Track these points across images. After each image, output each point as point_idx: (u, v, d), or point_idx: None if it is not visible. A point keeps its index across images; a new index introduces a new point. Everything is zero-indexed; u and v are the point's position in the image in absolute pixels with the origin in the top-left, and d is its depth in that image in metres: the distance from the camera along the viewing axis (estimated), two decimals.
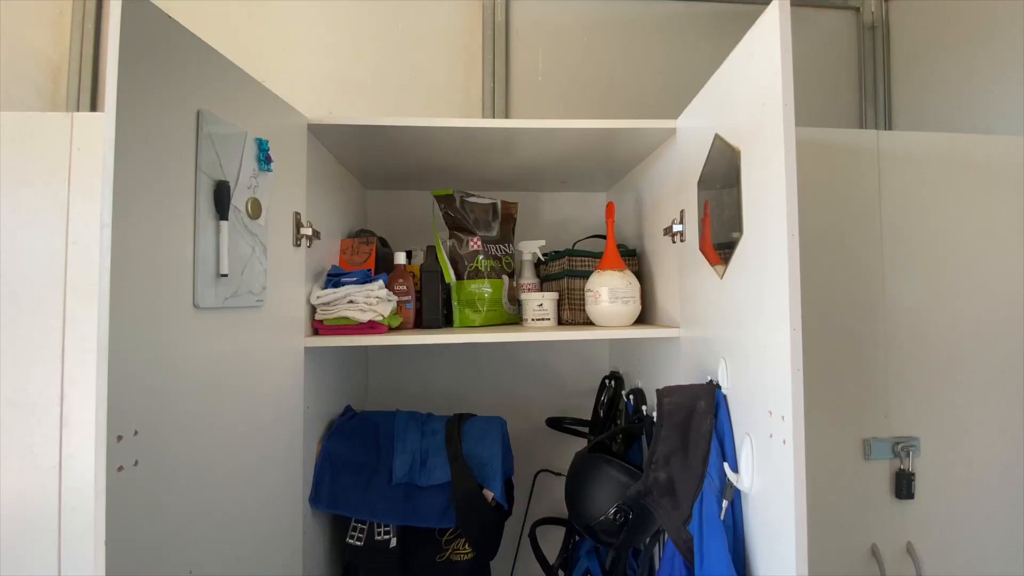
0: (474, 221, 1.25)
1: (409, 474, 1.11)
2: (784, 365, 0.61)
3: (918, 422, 1.05)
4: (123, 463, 0.56)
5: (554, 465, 1.50)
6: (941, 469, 1.05)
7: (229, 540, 0.74)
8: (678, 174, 1.01)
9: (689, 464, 0.76)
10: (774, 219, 0.64)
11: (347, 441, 1.12)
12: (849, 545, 1.03)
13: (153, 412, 0.60)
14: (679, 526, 0.75)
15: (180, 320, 0.65)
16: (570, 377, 1.58)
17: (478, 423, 1.24)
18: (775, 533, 0.65)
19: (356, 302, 1.01)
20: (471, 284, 1.22)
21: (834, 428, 1.04)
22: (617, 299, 1.08)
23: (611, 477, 1.01)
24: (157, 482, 0.61)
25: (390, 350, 1.52)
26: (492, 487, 1.13)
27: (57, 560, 0.93)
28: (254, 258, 0.79)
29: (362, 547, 1.09)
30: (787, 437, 0.61)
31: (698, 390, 0.80)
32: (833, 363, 1.05)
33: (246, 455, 0.78)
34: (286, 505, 0.92)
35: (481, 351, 1.55)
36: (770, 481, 0.66)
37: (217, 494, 0.71)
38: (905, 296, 1.09)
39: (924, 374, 1.07)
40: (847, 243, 1.10)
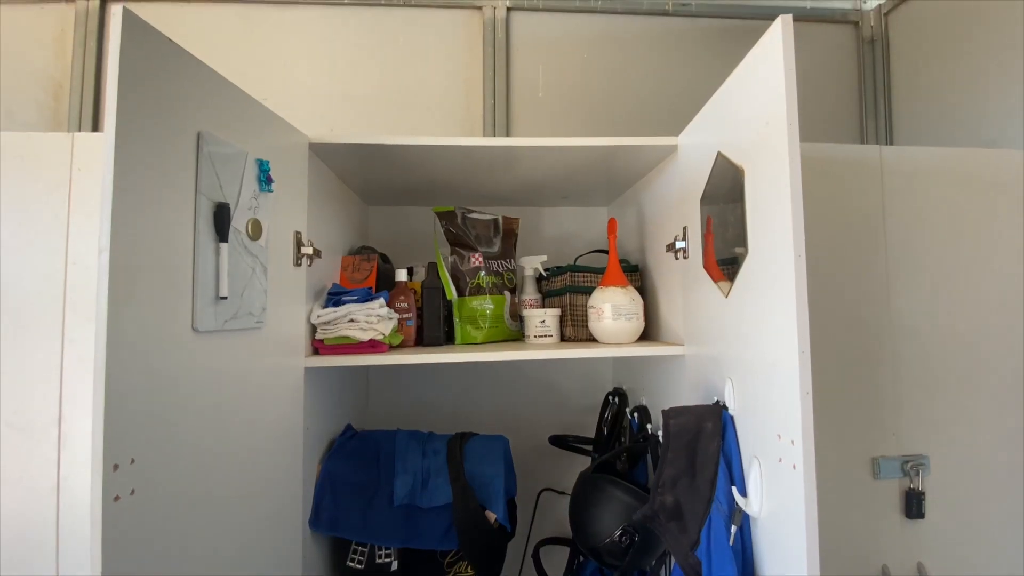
0: (476, 237, 1.24)
1: (410, 495, 1.09)
2: (793, 388, 0.60)
3: (927, 440, 1.04)
4: (119, 493, 0.55)
5: (557, 484, 1.47)
6: (951, 487, 1.03)
7: (227, 567, 0.72)
8: (680, 190, 1.00)
9: (696, 487, 0.74)
10: (780, 238, 0.63)
11: (347, 461, 1.10)
12: (859, 566, 1.01)
13: (151, 439, 0.59)
14: (687, 551, 0.73)
15: (179, 344, 0.64)
16: (573, 394, 1.56)
17: (480, 442, 1.22)
18: (786, 559, 0.63)
19: (357, 321, 1.00)
20: (473, 300, 1.21)
21: (842, 447, 1.03)
22: (620, 316, 1.07)
23: (616, 499, 0.99)
24: (154, 510, 0.59)
25: (390, 368, 1.50)
26: (495, 508, 1.11)
27: None
28: (254, 279, 0.78)
29: (363, 570, 1.06)
30: (797, 462, 0.60)
31: (704, 411, 0.79)
32: (839, 381, 1.04)
33: (245, 479, 0.77)
34: (285, 529, 0.90)
35: (483, 368, 1.54)
36: (780, 506, 0.64)
37: (215, 520, 0.70)
38: (910, 312, 1.08)
39: (931, 391, 1.05)
40: (851, 259, 1.09)
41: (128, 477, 0.56)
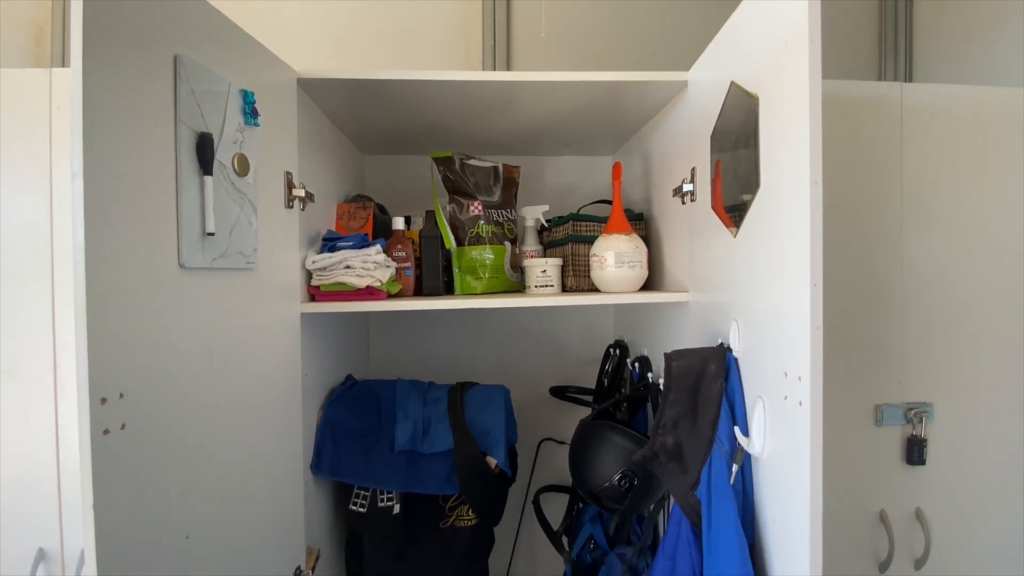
0: (474, 185, 1.20)
1: (411, 442, 1.09)
2: (803, 323, 0.57)
3: (932, 388, 1.02)
4: (108, 426, 0.54)
5: (558, 434, 1.49)
6: (954, 435, 1.02)
7: (227, 505, 0.72)
8: (689, 130, 0.96)
9: (698, 429, 0.73)
10: (795, 168, 0.59)
11: (348, 409, 1.10)
12: (857, 511, 1.02)
13: (140, 375, 0.58)
14: (687, 491, 0.73)
15: (165, 280, 0.62)
16: (574, 346, 1.55)
17: (481, 391, 1.22)
18: (787, 497, 0.62)
19: (353, 267, 0.97)
20: (472, 250, 1.18)
21: (845, 394, 1.02)
22: (623, 264, 1.04)
23: (616, 443, 0.99)
24: (147, 446, 0.59)
25: (391, 319, 1.49)
26: (495, 454, 1.12)
27: (59, 528, 0.93)
28: (243, 218, 0.75)
29: (365, 514, 1.08)
30: (804, 399, 0.58)
31: (708, 353, 0.77)
32: (847, 327, 1.01)
33: (243, 421, 0.76)
34: (286, 472, 0.91)
35: (484, 320, 1.53)
36: (783, 445, 0.63)
37: (213, 459, 0.69)
38: (924, 258, 1.04)
39: (941, 339, 1.03)
40: (865, 202, 1.05)
41: (117, 411, 0.55)
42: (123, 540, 0.55)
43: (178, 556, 0.63)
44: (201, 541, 0.66)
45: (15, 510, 0.93)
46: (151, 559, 0.58)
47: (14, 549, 0.93)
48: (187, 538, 0.64)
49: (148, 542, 0.58)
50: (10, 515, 0.93)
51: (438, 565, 1.14)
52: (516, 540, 1.49)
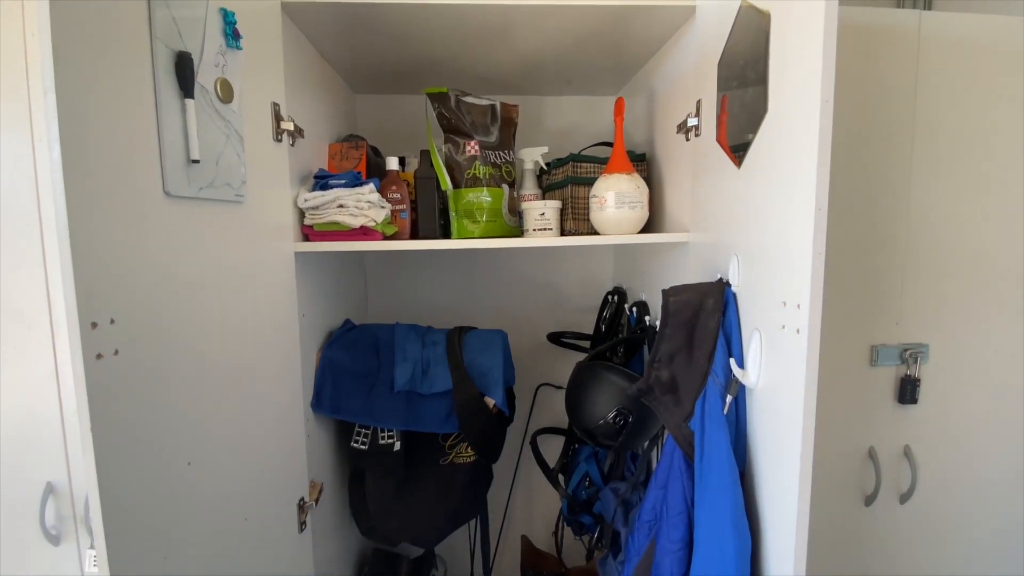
0: (471, 124, 1.16)
1: (411, 382, 1.11)
2: (805, 250, 0.56)
3: (930, 329, 1.02)
4: (101, 351, 0.53)
5: (555, 379, 1.51)
6: (948, 376, 1.03)
7: (228, 435, 0.74)
8: (695, 61, 0.91)
9: (693, 362, 0.74)
10: (805, 87, 0.56)
11: (347, 351, 1.11)
12: (847, 447, 1.04)
13: (131, 302, 0.57)
14: (680, 422, 0.74)
15: (150, 207, 0.60)
16: (572, 294, 1.55)
17: (479, 335, 1.23)
18: (779, 426, 0.63)
19: (346, 206, 0.95)
20: (469, 193, 1.15)
21: (842, 334, 1.02)
22: (624, 204, 1.02)
23: (611, 382, 1.00)
24: (143, 373, 0.59)
25: (388, 265, 1.48)
26: (494, 395, 1.13)
27: (65, 463, 0.95)
28: (229, 147, 0.72)
29: (366, 451, 1.11)
30: (802, 326, 0.58)
31: (707, 288, 0.76)
32: (847, 266, 1.00)
33: (240, 354, 0.77)
34: (287, 407, 0.92)
35: (482, 267, 1.52)
36: (779, 374, 0.63)
37: (211, 390, 0.70)
38: (931, 198, 1.01)
39: (942, 281, 1.02)
40: (874, 137, 1.01)
41: (109, 336, 0.54)
42: (123, 463, 0.56)
43: (181, 482, 0.64)
44: (203, 468, 0.68)
45: (20, 446, 0.95)
46: (153, 484, 0.60)
47: (22, 484, 0.95)
48: (189, 464, 0.65)
49: (149, 466, 0.59)
50: (16, 451, 0.95)
51: (438, 500, 1.17)
52: (514, 480, 1.54)
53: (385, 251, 1.48)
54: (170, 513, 0.62)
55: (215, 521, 0.70)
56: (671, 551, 0.74)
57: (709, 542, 0.67)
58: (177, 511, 0.63)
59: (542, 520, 1.59)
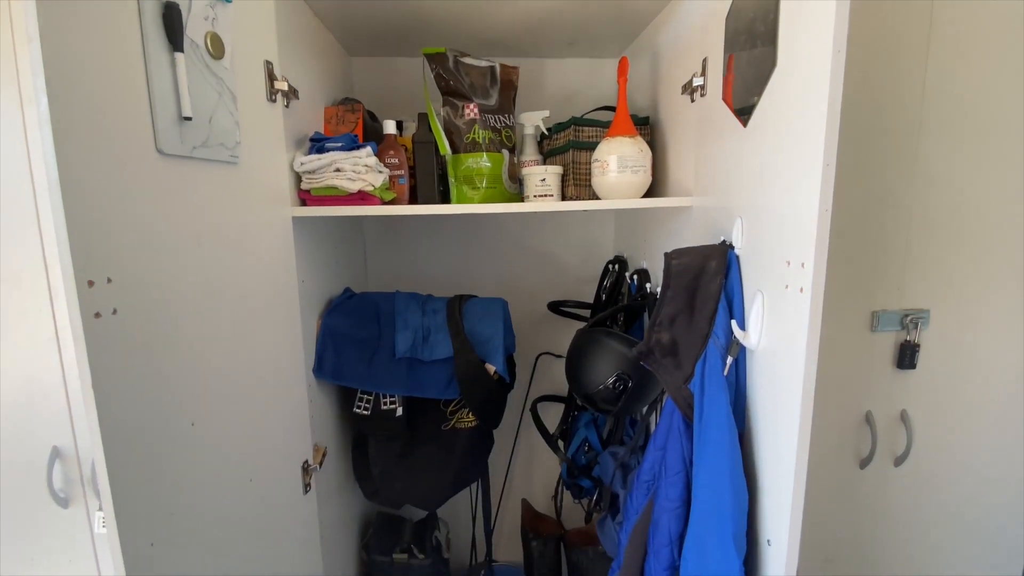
0: (470, 86, 1.13)
1: (412, 349, 1.11)
2: (812, 207, 0.55)
3: (931, 295, 1.02)
4: (99, 310, 0.53)
5: (555, 348, 1.51)
6: (948, 342, 1.03)
7: (231, 398, 0.74)
8: (702, 17, 0.88)
9: (694, 324, 0.73)
10: (817, 38, 0.54)
11: (347, 318, 1.11)
12: (844, 412, 1.05)
13: (127, 261, 0.56)
14: (680, 384, 0.74)
15: (143, 164, 0.59)
16: (573, 263, 1.54)
17: (479, 303, 1.22)
18: (780, 386, 0.63)
19: (343, 170, 0.94)
20: (468, 158, 1.13)
21: (843, 300, 1.01)
22: (627, 168, 1.00)
23: (611, 348, 1.00)
24: (143, 333, 0.58)
25: (387, 233, 1.47)
26: (494, 362, 1.14)
27: (71, 426, 0.96)
28: (221, 106, 0.71)
29: (369, 416, 1.12)
30: (805, 285, 0.57)
31: (710, 251, 0.76)
32: (852, 232, 0.99)
33: (240, 317, 0.76)
34: (288, 372, 0.93)
35: (482, 237, 1.50)
36: (780, 335, 0.63)
37: (212, 351, 0.70)
38: (941, 163, 0.99)
39: (946, 246, 1.01)
40: (882, 94, 0.98)
41: (106, 295, 0.54)
42: (126, 423, 0.56)
43: (184, 443, 0.65)
44: (206, 429, 0.68)
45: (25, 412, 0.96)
46: (157, 444, 0.60)
47: (29, 449, 0.96)
48: (192, 425, 0.66)
49: (153, 427, 0.59)
50: (20, 417, 0.95)
51: (440, 464, 1.19)
52: (515, 446, 1.57)
53: (384, 219, 1.46)
54: (175, 473, 0.62)
55: (220, 481, 0.71)
56: (669, 509, 0.75)
57: (707, 499, 0.68)
58: (181, 471, 0.64)
59: (542, 485, 1.63)
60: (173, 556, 0.61)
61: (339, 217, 1.24)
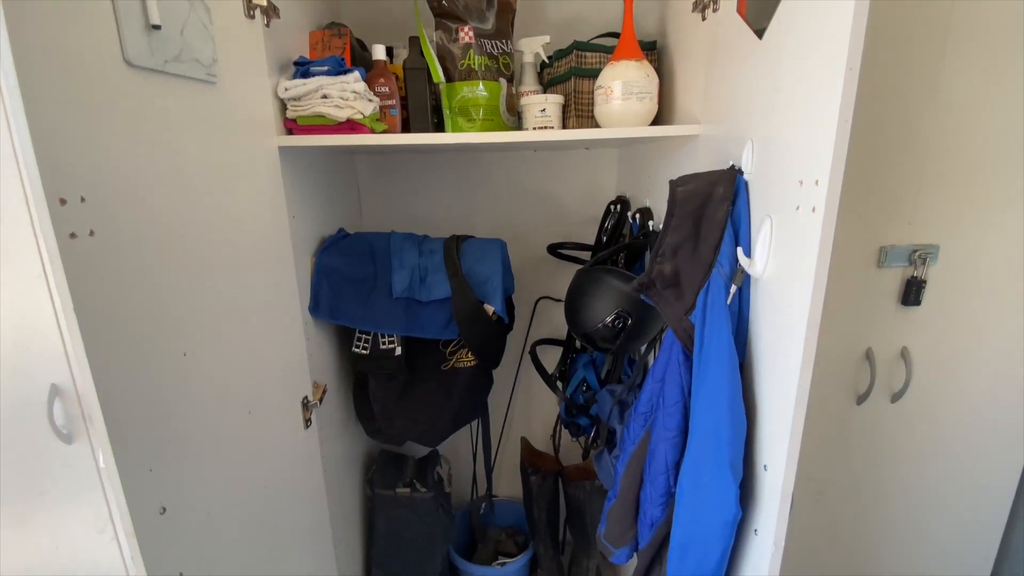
0: (464, 7, 1.05)
1: (409, 289, 1.09)
2: (830, 118, 0.51)
3: (943, 230, 0.99)
4: (74, 230, 0.50)
5: (554, 292, 1.50)
6: (955, 279, 1.01)
7: (223, 329, 0.73)
8: None
9: (698, 254, 0.71)
10: None
11: (342, 257, 1.08)
12: (844, 349, 1.05)
13: (100, 181, 0.53)
14: (681, 316, 0.73)
15: (112, 76, 0.55)
16: (574, 205, 1.50)
17: (477, 243, 1.20)
18: (784, 313, 0.62)
19: (330, 97, 0.88)
20: (464, 87, 1.07)
21: (851, 235, 0.98)
22: (631, 95, 0.95)
23: (611, 285, 0.98)
24: (125, 258, 0.56)
25: (381, 172, 1.42)
26: (493, 302, 1.12)
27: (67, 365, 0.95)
28: (194, 16, 0.65)
29: (368, 355, 1.12)
30: (818, 204, 0.54)
31: (717, 176, 0.72)
32: (864, 163, 0.95)
33: (229, 248, 0.74)
34: (283, 308, 0.92)
35: (480, 177, 1.45)
36: (787, 261, 0.61)
37: (201, 282, 0.68)
38: (961, 91, 0.94)
39: (962, 178, 0.97)
40: (906, 19, 0.91)
41: (81, 216, 0.51)
42: (113, 347, 0.55)
43: (177, 373, 0.64)
44: (199, 360, 0.67)
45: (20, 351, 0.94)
46: (148, 371, 0.59)
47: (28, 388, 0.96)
48: (184, 355, 0.65)
49: (142, 355, 0.58)
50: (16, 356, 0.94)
51: (440, 403, 1.20)
52: (514, 388, 1.59)
53: (378, 158, 1.41)
54: (168, 401, 0.62)
55: (218, 411, 0.71)
56: (666, 439, 0.75)
57: (705, 427, 0.68)
58: (175, 399, 0.63)
59: (541, 424, 1.66)
60: (173, 481, 0.62)
61: (330, 153, 1.20)
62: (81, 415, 0.97)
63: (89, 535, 1.03)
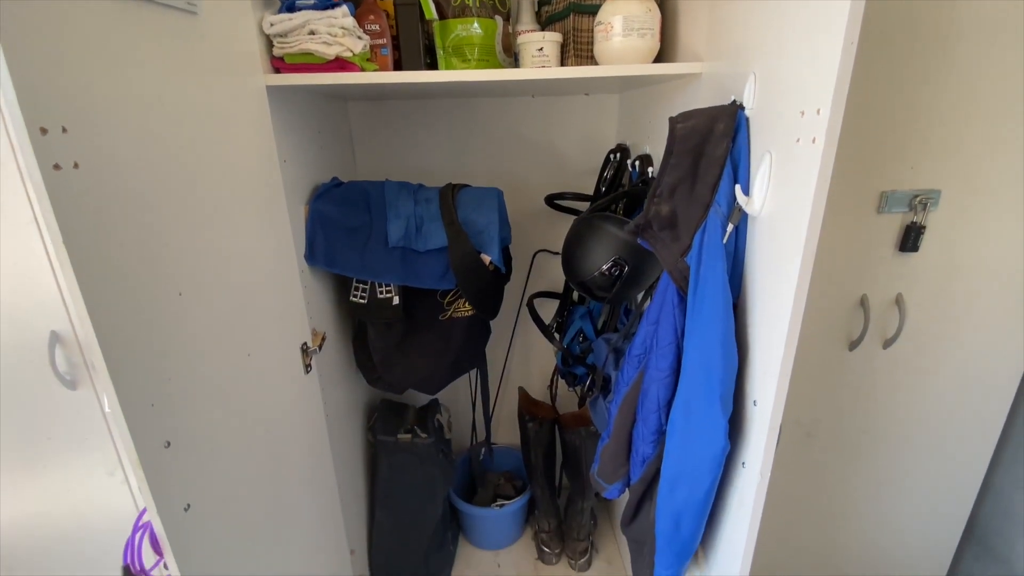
0: None
1: (405, 239, 1.09)
2: (835, 39, 0.49)
3: (946, 174, 0.97)
4: (58, 161, 0.49)
5: (552, 246, 1.49)
6: (955, 224, 1.00)
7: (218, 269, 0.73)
8: None
9: (696, 193, 0.70)
10: None
11: (336, 205, 1.07)
12: (839, 295, 1.05)
13: (80, 109, 0.52)
14: (676, 258, 0.72)
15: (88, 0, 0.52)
16: (573, 155, 1.47)
17: (474, 192, 1.18)
18: (780, 249, 0.61)
19: (318, 32, 0.85)
20: (457, 24, 1.03)
21: (851, 180, 0.97)
22: (632, 31, 0.91)
23: (608, 232, 0.98)
24: (112, 192, 0.55)
25: (375, 120, 1.38)
26: (490, 252, 1.12)
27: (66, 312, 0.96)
28: None
29: (366, 304, 1.12)
30: (819, 135, 0.53)
31: (718, 111, 0.70)
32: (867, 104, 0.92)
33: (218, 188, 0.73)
34: (278, 253, 0.91)
35: (476, 124, 1.42)
36: (786, 198, 0.60)
37: (192, 219, 0.67)
38: (978, 18, 0.89)
39: (972, 115, 0.93)
40: None
41: (64, 146, 0.50)
42: (106, 285, 0.54)
43: (173, 312, 0.64)
44: (195, 300, 0.68)
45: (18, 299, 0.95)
46: (143, 309, 0.59)
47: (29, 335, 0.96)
48: (180, 295, 0.65)
49: (136, 293, 0.58)
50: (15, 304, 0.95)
51: (439, 351, 1.22)
52: (511, 341, 1.60)
53: (371, 105, 1.37)
54: (166, 340, 0.62)
55: (216, 352, 0.72)
56: (658, 379, 0.77)
57: (697, 364, 0.69)
58: (172, 338, 0.64)
59: (538, 375, 1.69)
60: (175, 416, 0.63)
61: (321, 99, 1.16)
62: (83, 362, 0.99)
63: (100, 478, 1.07)
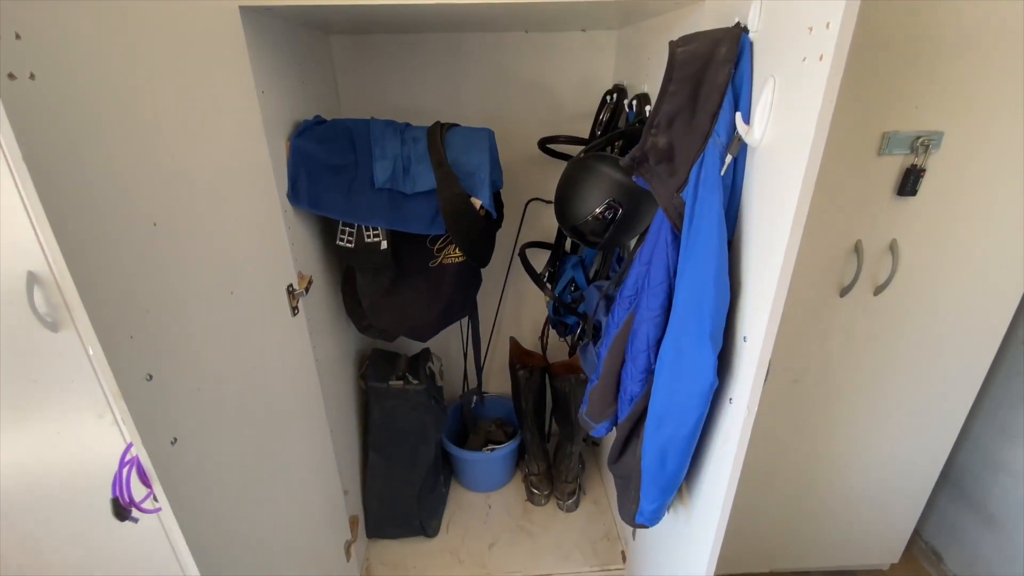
0: None
1: (392, 180, 1.05)
2: None
3: (950, 115, 0.94)
4: (12, 70, 0.45)
5: (545, 194, 1.46)
6: (955, 168, 0.98)
7: (194, 201, 0.70)
8: None
9: (694, 123, 0.67)
10: None
11: (319, 143, 1.02)
12: (833, 241, 1.04)
13: (32, 17, 0.48)
14: (672, 193, 0.70)
15: None
16: (568, 98, 1.42)
17: (463, 132, 1.14)
18: (779, 180, 0.59)
19: None
20: None
21: (852, 121, 0.94)
22: None
23: (602, 173, 0.95)
24: (72, 107, 0.52)
25: (359, 57, 1.32)
26: (480, 195, 1.09)
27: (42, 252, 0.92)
28: None
29: (353, 248, 1.10)
30: (827, 51, 0.50)
31: (720, 34, 0.66)
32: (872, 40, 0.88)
33: (188, 105, 0.69)
34: (258, 189, 0.88)
35: (467, 64, 1.35)
36: (788, 126, 0.57)
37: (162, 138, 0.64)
38: None
39: (979, 61, 0.90)
40: None
41: (17, 54, 0.46)
42: (73, 210, 0.52)
43: (148, 244, 0.61)
44: (171, 233, 0.65)
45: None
46: (115, 239, 0.57)
47: (4, 277, 0.94)
48: (155, 225, 0.62)
49: (106, 220, 0.55)
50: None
51: (429, 297, 1.21)
52: (503, 291, 1.59)
53: (355, 40, 1.30)
54: (141, 271, 0.60)
55: (196, 287, 0.70)
56: (649, 319, 0.76)
57: (688, 301, 0.68)
58: (148, 269, 0.61)
59: (529, 326, 1.69)
60: (156, 349, 0.62)
61: (300, 27, 1.10)
62: (63, 303, 0.96)
63: (89, 420, 1.07)
